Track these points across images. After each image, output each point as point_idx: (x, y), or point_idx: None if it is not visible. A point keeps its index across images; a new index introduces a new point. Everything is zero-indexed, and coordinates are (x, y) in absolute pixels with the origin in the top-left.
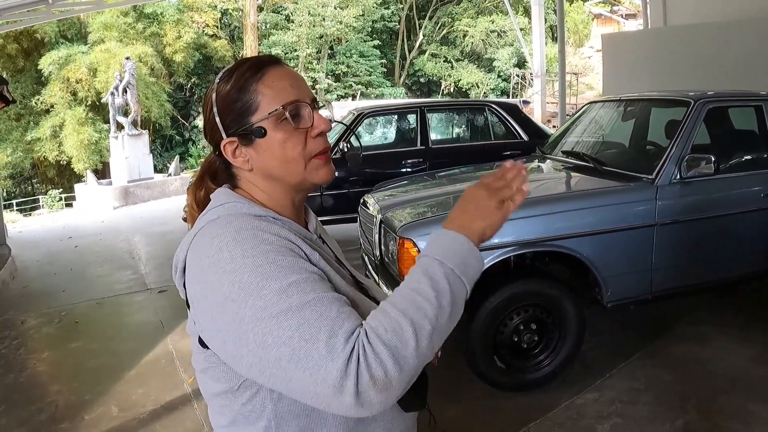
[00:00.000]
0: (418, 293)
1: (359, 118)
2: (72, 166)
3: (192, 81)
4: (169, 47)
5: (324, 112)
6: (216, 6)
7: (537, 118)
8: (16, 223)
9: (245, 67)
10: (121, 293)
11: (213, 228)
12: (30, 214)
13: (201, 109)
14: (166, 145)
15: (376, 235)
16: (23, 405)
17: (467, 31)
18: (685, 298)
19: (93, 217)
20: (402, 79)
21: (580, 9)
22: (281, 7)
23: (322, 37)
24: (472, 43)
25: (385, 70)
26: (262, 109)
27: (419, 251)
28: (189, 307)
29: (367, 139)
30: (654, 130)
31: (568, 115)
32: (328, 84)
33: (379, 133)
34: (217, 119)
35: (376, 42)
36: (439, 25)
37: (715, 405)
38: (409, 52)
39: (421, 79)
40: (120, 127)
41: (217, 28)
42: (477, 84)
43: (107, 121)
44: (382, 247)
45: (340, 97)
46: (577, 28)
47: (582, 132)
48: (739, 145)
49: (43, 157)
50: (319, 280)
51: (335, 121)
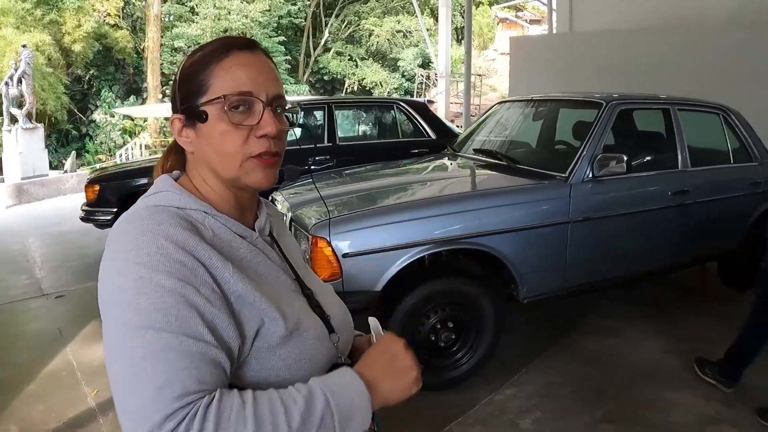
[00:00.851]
0: (287, 413)
1: None
2: None
3: (90, 73)
4: (69, 36)
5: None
6: None
7: (441, 117)
8: None
9: (215, 44)
10: (15, 300)
11: (127, 219)
12: None
13: (99, 103)
14: (62, 140)
15: None
16: None
17: (373, 30)
18: (594, 293)
19: None
20: (306, 76)
21: (486, 12)
22: None
23: (226, 30)
24: (378, 42)
25: (289, 66)
26: (210, 93)
27: (333, 251)
28: None
29: None
30: (562, 130)
31: (472, 115)
32: None
33: None
34: (177, 92)
35: (282, 38)
36: (345, 23)
37: (631, 395)
38: (314, 49)
39: (325, 77)
40: (14, 120)
41: (119, 17)
42: (381, 83)
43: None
44: None
45: None
46: (482, 31)
47: (491, 131)
48: (646, 146)
49: None
50: (193, 320)
51: (293, 125)
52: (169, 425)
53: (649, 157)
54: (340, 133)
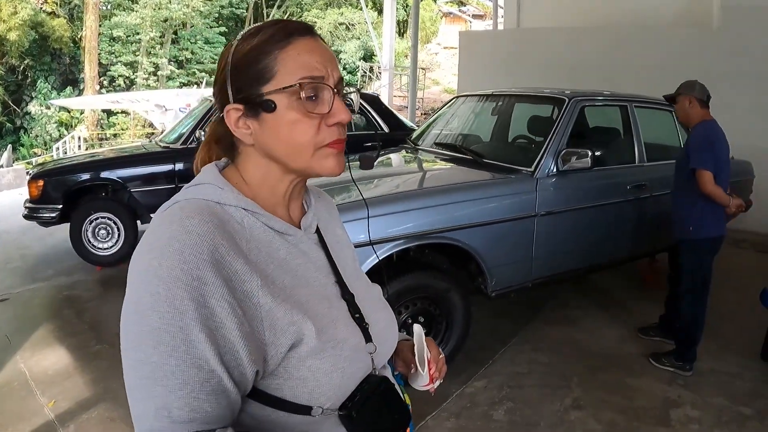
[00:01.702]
0: None
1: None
2: None
3: (26, 63)
4: (3, 24)
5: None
6: None
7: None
8: None
9: (273, 29)
10: None
11: (163, 217)
12: None
13: (35, 95)
14: None
15: None
16: None
17: (315, 22)
18: (557, 284)
19: None
20: None
21: (429, 6)
22: None
23: (167, 20)
24: (320, 34)
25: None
26: (277, 81)
27: None
28: None
29: None
30: (516, 124)
31: (417, 108)
32: (171, 71)
33: None
34: (228, 80)
35: (223, 29)
36: (287, 14)
37: (596, 381)
38: None
39: None
40: None
41: (56, 5)
42: None
43: None
44: None
45: (183, 85)
46: (426, 24)
47: (449, 125)
48: (605, 142)
49: None
50: (201, 347)
51: (357, 112)
52: None
53: (610, 153)
54: None
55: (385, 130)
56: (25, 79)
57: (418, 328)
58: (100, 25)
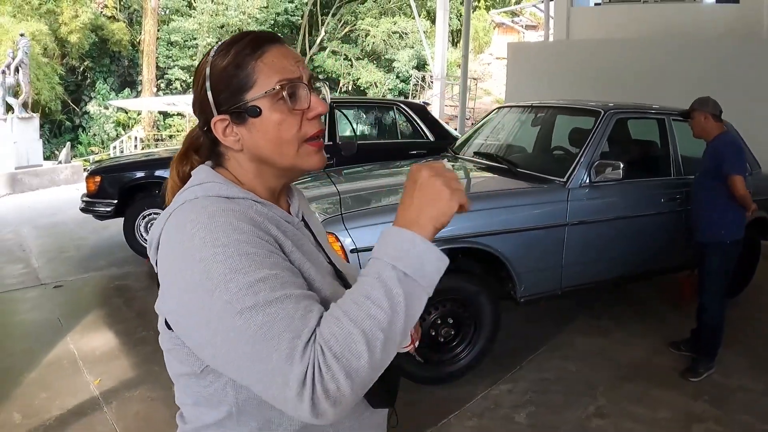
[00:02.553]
0: (372, 301)
1: None
2: None
3: (85, 64)
4: (65, 26)
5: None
6: None
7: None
8: None
9: (244, 42)
10: (12, 289)
11: (188, 209)
12: None
13: (94, 95)
14: (55, 130)
15: None
16: None
17: (369, 30)
18: (587, 293)
19: None
20: None
21: (483, 17)
22: None
23: (223, 26)
24: (374, 42)
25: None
26: (258, 87)
27: (342, 246)
28: (159, 285)
29: None
30: (558, 136)
31: (467, 118)
32: None
33: None
34: (209, 95)
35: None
36: (342, 22)
37: (621, 391)
38: (310, 48)
39: (320, 76)
40: (9, 108)
41: (116, 9)
42: (376, 83)
43: None
44: None
45: None
46: (479, 34)
47: (490, 134)
48: (641, 154)
49: None
50: (288, 275)
51: (332, 105)
52: (308, 376)
53: (645, 165)
54: (340, 132)
55: (431, 139)
56: (84, 80)
57: None
58: (159, 30)
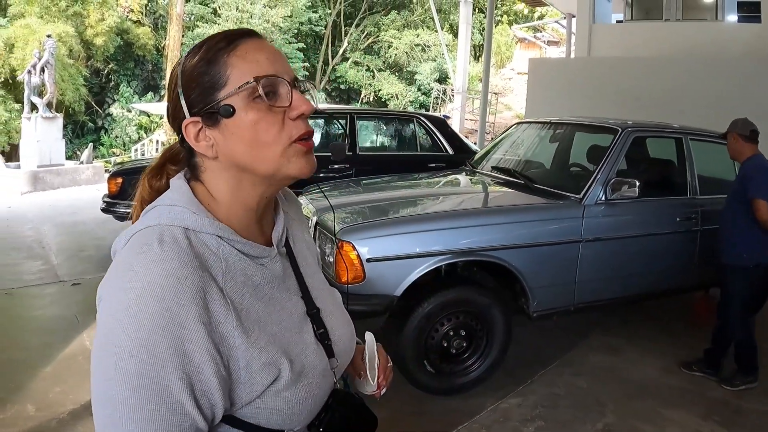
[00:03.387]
0: None
1: None
2: None
3: (110, 67)
4: (91, 29)
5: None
6: None
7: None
8: None
9: (217, 38)
10: (30, 284)
11: (137, 249)
12: None
13: (117, 97)
14: (78, 131)
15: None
16: None
17: (392, 42)
18: (600, 311)
19: None
20: (323, 84)
21: (505, 31)
22: None
23: None
24: (396, 54)
25: (306, 73)
26: (231, 84)
27: (358, 255)
28: None
29: None
30: (576, 153)
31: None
32: None
33: None
34: (182, 97)
35: (301, 45)
36: (364, 34)
37: (630, 410)
38: (333, 58)
39: (342, 86)
40: (34, 108)
41: (141, 14)
42: (397, 95)
43: (19, 101)
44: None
45: None
46: (500, 49)
47: (508, 150)
48: (658, 172)
49: None
50: (176, 391)
51: (320, 110)
52: None
53: (661, 184)
54: (360, 143)
55: (449, 152)
56: (108, 83)
57: (369, 337)
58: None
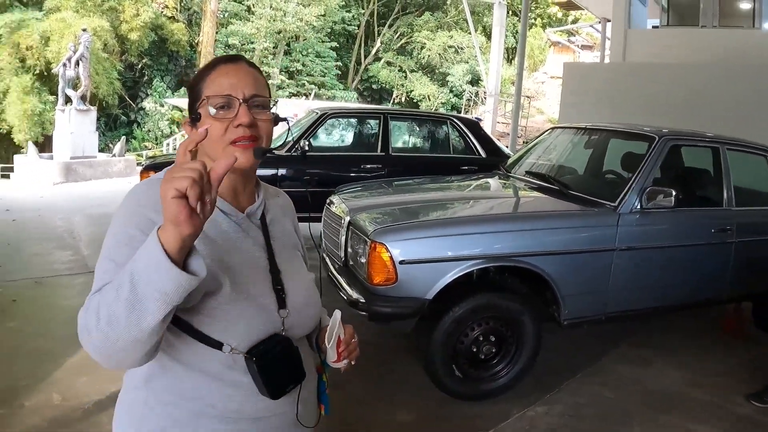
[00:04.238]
0: (112, 284)
1: (322, 118)
2: (12, 136)
3: (143, 62)
4: (126, 24)
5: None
6: None
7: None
8: None
9: (210, 62)
10: (61, 274)
11: (141, 183)
12: None
13: (150, 92)
14: (111, 124)
15: (343, 237)
16: None
17: (425, 43)
18: (631, 321)
19: (32, 192)
20: (355, 83)
21: (539, 35)
22: None
23: (280, 32)
24: (429, 55)
25: (339, 72)
26: (201, 97)
27: (391, 257)
28: None
29: (323, 140)
30: (610, 159)
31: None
32: (281, 80)
33: (337, 135)
34: (189, 101)
35: (334, 44)
36: (398, 34)
37: (656, 423)
38: (365, 57)
39: (374, 86)
40: (68, 100)
41: (176, 10)
42: (429, 96)
43: (53, 93)
44: (349, 249)
45: (292, 95)
46: (534, 52)
47: (542, 154)
48: (693, 182)
49: None
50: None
51: (282, 119)
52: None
53: (697, 194)
54: (392, 144)
55: (482, 155)
56: (142, 77)
57: (337, 312)
58: (217, 32)
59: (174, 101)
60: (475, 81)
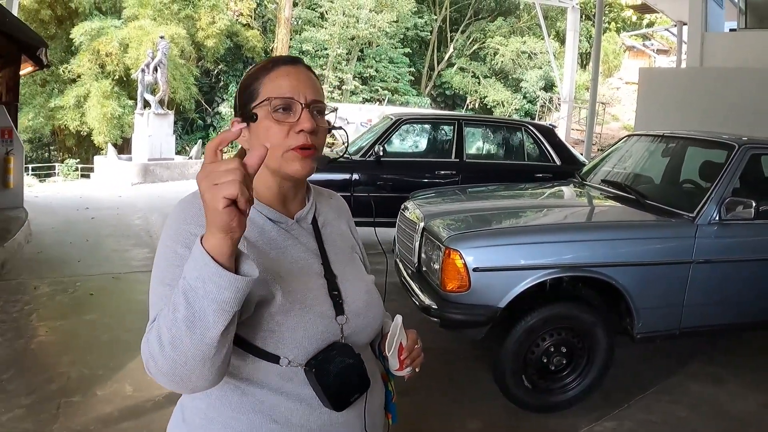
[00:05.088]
0: (169, 305)
1: (397, 123)
2: (92, 138)
3: (219, 68)
4: (202, 32)
5: (331, 117)
6: None
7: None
8: (32, 188)
9: (266, 61)
10: (137, 270)
11: (186, 197)
12: (45, 181)
13: (226, 97)
14: (187, 128)
15: (417, 243)
16: (33, 373)
17: (498, 49)
18: (705, 337)
19: (111, 191)
20: (428, 89)
21: (613, 39)
22: (316, 4)
23: (353, 38)
24: (502, 61)
25: (412, 78)
26: (259, 98)
27: (465, 264)
28: None
29: (397, 146)
30: (688, 168)
31: (593, 143)
32: (355, 86)
33: (411, 141)
34: (237, 101)
35: (407, 50)
36: (470, 40)
37: None
38: (438, 63)
39: (447, 92)
40: (146, 104)
41: (251, 17)
42: (502, 102)
43: (132, 97)
44: (422, 255)
45: (365, 101)
46: (608, 57)
47: (618, 163)
48: None
49: (64, 125)
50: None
51: (334, 127)
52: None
53: None
54: (467, 150)
55: (557, 162)
56: (218, 83)
57: (398, 317)
58: (291, 39)
59: None
60: (548, 87)
